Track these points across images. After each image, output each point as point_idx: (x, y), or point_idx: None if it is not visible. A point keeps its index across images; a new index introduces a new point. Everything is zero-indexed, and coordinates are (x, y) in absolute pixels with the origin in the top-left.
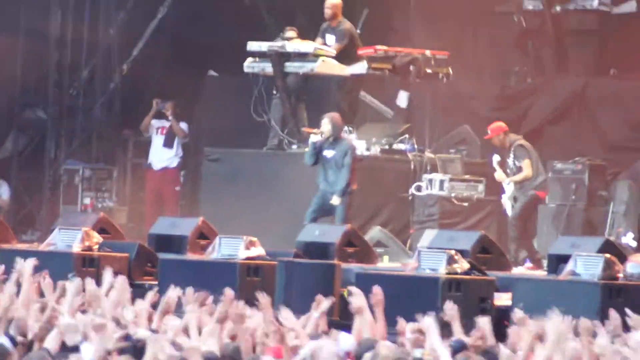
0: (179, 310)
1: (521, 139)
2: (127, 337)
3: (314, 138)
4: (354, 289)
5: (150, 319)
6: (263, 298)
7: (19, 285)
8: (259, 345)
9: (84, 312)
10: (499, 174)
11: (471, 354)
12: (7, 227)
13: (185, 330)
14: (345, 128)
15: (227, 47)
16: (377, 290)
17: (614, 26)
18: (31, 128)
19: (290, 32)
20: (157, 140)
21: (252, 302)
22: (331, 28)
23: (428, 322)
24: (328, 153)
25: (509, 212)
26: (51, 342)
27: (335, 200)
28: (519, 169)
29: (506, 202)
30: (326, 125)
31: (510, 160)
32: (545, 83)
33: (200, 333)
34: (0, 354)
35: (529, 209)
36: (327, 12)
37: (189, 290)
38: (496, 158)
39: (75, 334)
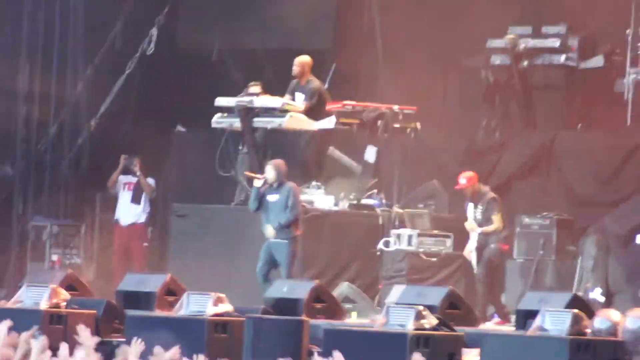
0: None
1: (491, 191)
2: None
3: (258, 183)
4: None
5: None
6: None
7: None
8: None
9: None
10: (470, 223)
11: None
12: None
13: None
14: (314, 183)
15: (195, 103)
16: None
17: (581, 81)
18: None
19: (255, 87)
20: (125, 196)
21: (219, 358)
22: (300, 86)
23: None
24: (272, 198)
25: (474, 263)
26: None
27: (269, 232)
28: (488, 221)
29: (471, 253)
30: (270, 171)
31: (478, 211)
32: (513, 137)
33: None
34: None
35: (495, 263)
36: (296, 69)
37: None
38: (471, 206)
39: None
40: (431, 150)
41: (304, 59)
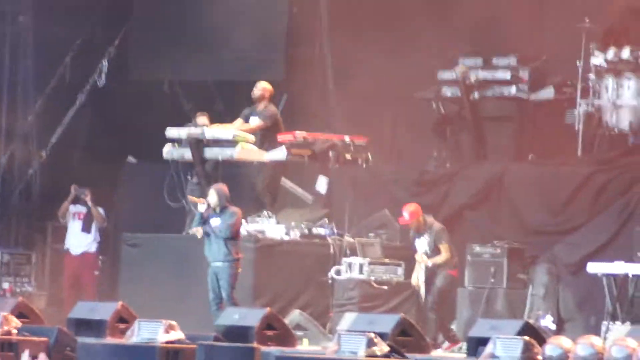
0: None
1: (435, 221)
2: None
3: (201, 208)
4: None
5: None
6: None
7: None
8: None
9: None
10: (421, 257)
11: None
12: None
13: None
14: (265, 213)
15: (147, 134)
16: None
17: (531, 112)
18: None
19: (202, 118)
20: (75, 225)
21: None
22: (256, 111)
23: None
24: (214, 222)
25: (422, 293)
26: None
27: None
28: (437, 251)
29: (420, 284)
30: (212, 195)
31: (424, 243)
32: (464, 168)
33: None
34: None
35: (447, 291)
36: (257, 92)
37: None
38: (419, 239)
39: None
40: (382, 181)
41: (266, 85)
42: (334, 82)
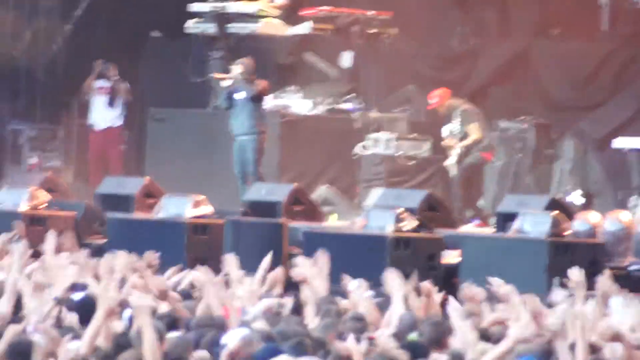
0: None
1: (465, 103)
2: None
3: (226, 83)
4: (298, 259)
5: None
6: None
7: None
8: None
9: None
10: (447, 141)
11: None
12: None
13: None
14: (290, 88)
15: (171, 8)
16: (321, 255)
17: None
18: None
19: None
20: (100, 100)
21: (200, 260)
22: None
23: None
24: (239, 95)
25: (453, 174)
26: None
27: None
28: (466, 133)
29: (451, 167)
30: (237, 69)
31: (454, 125)
32: (488, 44)
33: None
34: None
35: (473, 170)
36: None
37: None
38: (451, 125)
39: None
40: (407, 56)
41: None
42: None
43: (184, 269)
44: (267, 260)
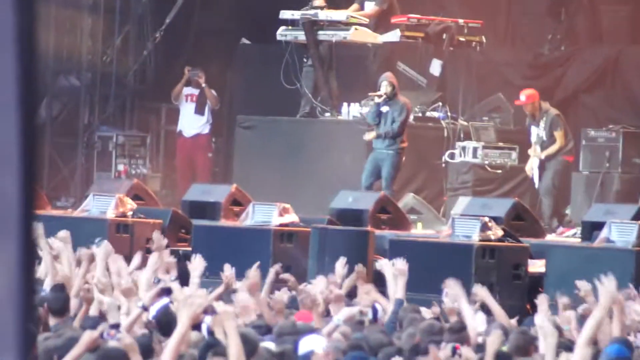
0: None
1: (551, 106)
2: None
3: (378, 100)
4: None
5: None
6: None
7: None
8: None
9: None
10: (534, 151)
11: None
12: (42, 194)
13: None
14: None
15: (260, 16)
16: (400, 263)
17: None
18: (64, 95)
19: (319, 1)
20: (188, 107)
21: (285, 268)
22: None
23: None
24: (383, 109)
25: (536, 180)
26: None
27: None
28: (552, 138)
29: (533, 170)
30: (386, 86)
31: (541, 129)
32: (579, 51)
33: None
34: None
35: (562, 175)
36: None
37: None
38: (534, 129)
39: (116, 312)
40: (496, 64)
41: None
42: None
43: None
44: (340, 264)
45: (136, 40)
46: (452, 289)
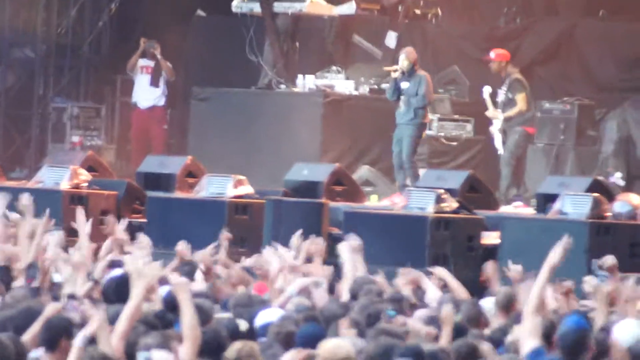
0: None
1: (518, 72)
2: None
3: (395, 74)
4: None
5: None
6: None
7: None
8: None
9: None
10: (492, 112)
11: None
12: None
13: None
14: (334, 68)
15: None
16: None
17: None
18: (19, 66)
19: None
20: (143, 79)
21: (240, 240)
22: None
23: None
24: (404, 85)
25: (498, 144)
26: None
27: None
28: (512, 102)
29: (495, 133)
30: (403, 60)
31: (502, 92)
32: (534, 23)
33: None
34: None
35: (520, 147)
36: None
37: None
38: (487, 89)
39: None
40: (452, 37)
41: None
42: None
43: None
44: (296, 237)
45: (91, 11)
46: (409, 275)
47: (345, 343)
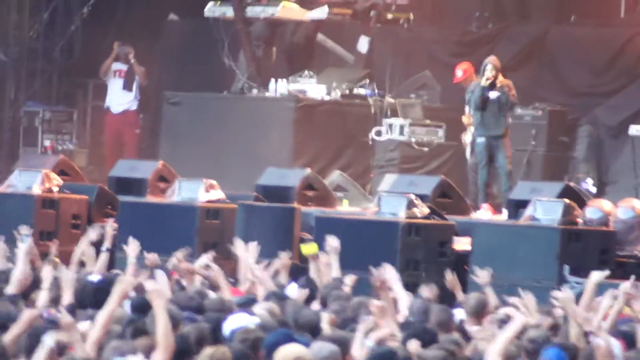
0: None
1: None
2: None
3: (485, 83)
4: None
5: None
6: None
7: None
8: None
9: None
10: (467, 118)
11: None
12: None
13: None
14: (307, 72)
15: None
16: (332, 239)
17: None
18: None
19: None
20: (116, 83)
21: (211, 245)
22: None
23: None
24: (492, 95)
25: (468, 153)
26: None
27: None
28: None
29: (466, 144)
30: (491, 70)
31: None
32: (507, 29)
33: None
34: None
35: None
36: None
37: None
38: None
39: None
40: (424, 41)
41: None
42: None
43: (193, 253)
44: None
45: (63, 15)
46: (386, 274)
47: (299, 347)
